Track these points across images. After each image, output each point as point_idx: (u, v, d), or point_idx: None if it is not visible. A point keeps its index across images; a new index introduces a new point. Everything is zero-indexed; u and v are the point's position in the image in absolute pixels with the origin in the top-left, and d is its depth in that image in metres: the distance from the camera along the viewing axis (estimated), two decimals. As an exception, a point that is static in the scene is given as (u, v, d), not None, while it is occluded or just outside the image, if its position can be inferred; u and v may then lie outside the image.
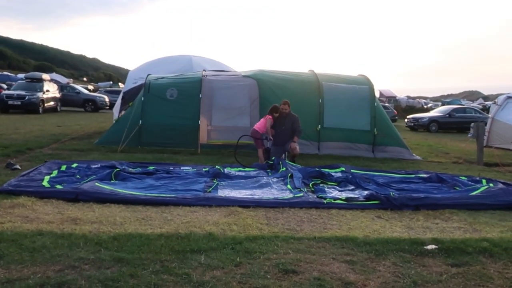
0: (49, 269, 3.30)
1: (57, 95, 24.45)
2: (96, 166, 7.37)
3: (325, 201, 5.72)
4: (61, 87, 27.07)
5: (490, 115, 16.36)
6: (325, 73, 12.04)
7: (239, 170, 7.79)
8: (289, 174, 7.03)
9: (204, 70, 11.62)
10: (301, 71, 12.26)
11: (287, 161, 8.24)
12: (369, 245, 4.12)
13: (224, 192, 6.13)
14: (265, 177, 7.17)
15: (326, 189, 6.50)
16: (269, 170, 7.76)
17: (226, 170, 7.59)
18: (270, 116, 8.98)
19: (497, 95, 21.98)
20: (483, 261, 3.83)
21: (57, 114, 22.89)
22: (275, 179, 7.02)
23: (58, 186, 5.90)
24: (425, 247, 4.11)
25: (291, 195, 6.04)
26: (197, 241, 4.01)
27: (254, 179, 7.07)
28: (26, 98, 21.07)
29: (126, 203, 5.33)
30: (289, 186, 6.56)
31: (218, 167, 7.60)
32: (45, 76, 25.28)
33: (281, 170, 7.51)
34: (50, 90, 23.38)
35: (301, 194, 6.01)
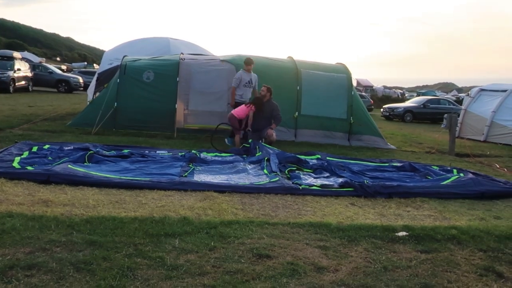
0: (19, 251, 3.24)
1: (29, 74, 23.74)
2: (69, 148, 7.22)
3: (300, 187, 5.77)
4: (33, 66, 26.26)
5: (463, 107, 16.74)
6: (304, 60, 12.05)
7: (215, 155, 7.76)
8: (266, 158, 7.05)
9: (182, 53, 11.46)
10: (280, 57, 12.23)
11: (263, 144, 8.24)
12: (342, 231, 4.19)
13: (200, 177, 6.11)
14: (241, 163, 7.18)
15: (301, 176, 6.55)
16: (245, 155, 7.75)
17: (202, 155, 7.56)
18: (254, 107, 8.93)
19: (470, 88, 22.48)
20: (451, 248, 3.95)
21: (29, 94, 22.28)
22: (251, 165, 7.03)
23: (29, 168, 5.76)
24: (396, 234, 4.20)
25: (267, 180, 6.06)
26: (171, 225, 3.99)
27: (231, 164, 7.07)
28: (-4, 76, 20.41)
29: (99, 186, 5.25)
30: (265, 171, 6.59)
31: (194, 151, 7.56)
32: (16, 54, 24.48)
33: (257, 154, 7.53)
34: (22, 69, 22.67)
35: (277, 179, 6.04)
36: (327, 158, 7.92)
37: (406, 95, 53.58)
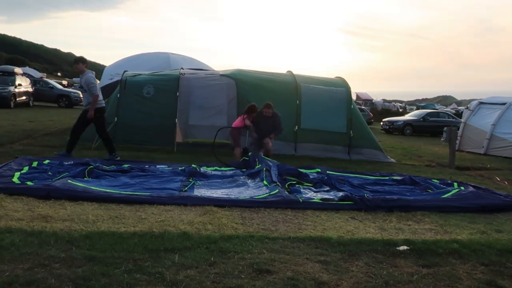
0: (17, 268, 3.22)
1: (30, 89, 23.84)
2: (69, 163, 7.22)
3: (301, 200, 5.74)
4: (34, 82, 26.42)
5: (462, 120, 16.78)
6: (303, 74, 12.12)
7: (215, 169, 7.76)
8: (264, 169, 7.05)
9: (182, 68, 11.53)
10: (279, 71, 12.31)
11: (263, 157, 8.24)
12: (342, 245, 4.16)
13: (200, 192, 6.10)
14: (241, 176, 7.17)
15: (301, 190, 6.53)
16: (244, 169, 7.74)
17: (202, 169, 7.55)
18: (246, 116, 8.96)
19: (470, 101, 22.59)
20: (453, 262, 3.92)
21: (30, 109, 22.34)
22: (251, 179, 7.02)
23: (29, 183, 5.75)
24: (397, 248, 4.18)
25: (267, 192, 6.04)
26: (171, 240, 3.97)
27: (231, 178, 7.06)
28: (-3, 92, 20.49)
29: (99, 201, 5.23)
30: (265, 182, 6.58)
31: (194, 166, 7.56)
32: (17, 69, 24.64)
33: (257, 166, 7.52)
34: (23, 84, 22.79)
35: (277, 191, 6.01)
36: (327, 172, 7.91)
37: (407, 108, 53.72)
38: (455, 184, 7.44)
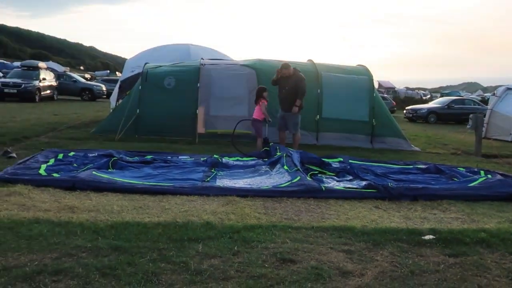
0: (46, 257, 3.29)
1: (54, 83, 24.30)
2: (93, 154, 7.33)
3: (323, 188, 5.69)
4: (58, 76, 26.90)
5: (489, 107, 16.36)
6: (324, 63, 11.99)
7: (237, 160, 7.77)
8: (285, 154, 7.02)
9: (202, 59, 11.54)
10: (300, 61, 12.19)
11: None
12: (366, 235, 4.12)
13: (223, 182, 6.11)
14: (263, 166, 7.16)
15: (324, 179, 6.48)
16: (266, 159, 7.72)
17: (224, 159, 7.57)
18: (263, 100, 8.91)
19: (496, 87, 21.96)
20: (481, 252, 3.83)
21: (54, 102, 22.77)
22: (272, 166, 6.98)
23: (55, 175, 5.87)
24: (422, 237, 4.11)
25: (288, 180, 5.99)
26: (194, 230, 4.00)
27: (253, 168, 7.06)
28: (22, 86, 20.92)
29: (123, 192, 5.30)
30: (285, 167, 6.54)
31: (216, 156, 7.58)
32: (42, 64, 25.10)
33: (277, 153, 7.50)
34: (47, 79, 23.23)
35: (298, 178, 5.95)
36: (350, 161, 7.82)
37: (428, 96, 52.71)
38: (482, 172, 7.27)
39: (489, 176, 6.82)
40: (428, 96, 53.31)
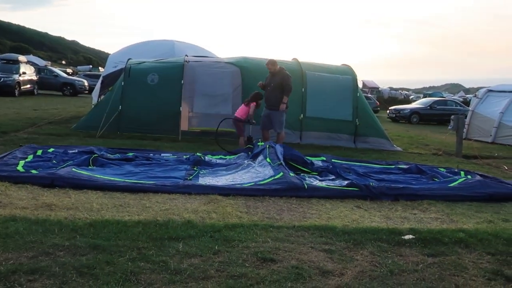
0: (22, 256, 3.22)
1: (34, 77, 23.88)
2: (73, 151, 7.23)
3: (306, 186, 5.69)
4: (39, 70, 26.45)
5: (470, 108, 16.61)
6: (309, 62, 12.01)
7: (220, 158, 7.73)
8: (268, 146, 7.01)
9: (187, 56, 11.46)
10: (284, 59, 12.20)
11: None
12: (347, 234, 4.14)
13: (205, 180, 6.07)
14: (245, 160, 7.11)
15: (307, 178, 6.49)
16: (249, 152, 7.68)
17: (207, 157, 7.53)
18: (254, 103, 8.92)
19: (478, 88, 22.34)
20: (459, 252, 3.88)
21: (34, 97, 22.39)
22: (255, 159, 6.95)
23: (34, 171, 5.76)
24: (402, 237, 4.15)
25: (271, 175, 5.96)
26: (175, 229, 3.96)
27: (235, 164, 7.02)
28: (1, 80, 20.48)
29: (104, 190, 5.23)
30: (268, 160, 6.53)
31: (199, 154, 7.53)
32: (22, 58, 24.64)
33: (260, 144, 7.48)
34: (27, 73, 22.81)
35: (281, 174, 5.92)
36: (332, 160, 7.86)
37: (412, 96, 53.33)
38: (462, 173, 7.37)
39: (469, 177, 6.92)
40: (411, 96, 53.94)
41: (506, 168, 9.22)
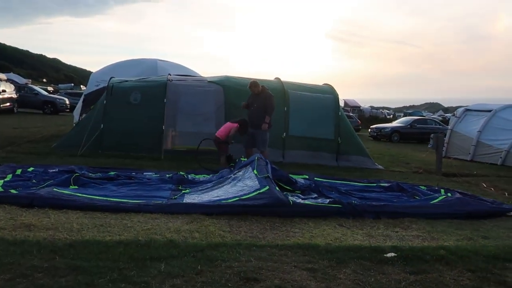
0: (-2, 278, 3.14)
1: (14, 96, 23.51)
2: (53, 170, 7.12)
3: (291, 202, 5.67)
4: (19, 88, 26.07)
5: (449, 127, 16.95)
6: (291, 81, 12.15)
7: (204, 177, 7.69)
8: (256, 158, 6.92)
9: (169, 74, 11.47)
10: (267, 78, 12.32)
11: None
12: (330, 253, 4.15)
13: (191, 198, 5.98)
14: (231, 174, 7.02)
15: (289, 197, 6.49)
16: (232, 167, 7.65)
17: (190, 176, 7.49)
18: (237, 125, 8.95)
19: (456, 107, 22.83)
20: (440, 269, 3.92)
21: (14, 115, 22.04)
22: (242, 171, 6.88)
23: (13, 191, 5.64)
24: (385, 255, 4.17)
25: (256, 188, 5.87)
26: (157, 249, 3.92)
27: (221, 179, 6.94)
28: (-20, 98, 20.18)
29: (85, 209, 5.14)
30: (255, 171, 6.43)
31: (182, 173, 7.49)
32: (1, 75, 24.34)
33: (242, 159, 7.44)
34: (7, 91, 22.46)
35: (267, 188, 5.81)
36: (315, 178, 7.90)
37: (392, 115, 54.17)
38: (442, 190, 7.48)
39: (449, 194, 7.02)
40: (392, 115, 54.81)
41: (485, 185, 9.38)
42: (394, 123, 27.54)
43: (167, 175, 7.38)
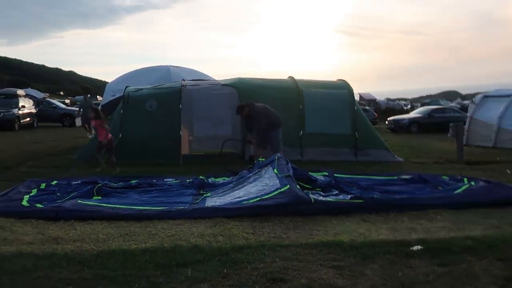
0: (30, 292, 3.20)
1: (33, 110, 23.99)
2: (76, 182, 7.23)
3: (312, 200, 5.64)
4: (37, 102, 26.58)
5: (468, 114, 16.66)
6: (305, 79, 12.11)
7: (223, 179, 7.71)
8: (277, 157, 6.84)
9: (183, 80, 11.55)
10: (281, 77, 12.32)
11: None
12: (355, 249, 4.11)
13: (213, 201, 6.00)
14: (251, 173, 6.98)
15: (310, 195, 6.46)
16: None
17: (210, 180, 7.52)
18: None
19: (474, 94, 22.38)
20: (469, 260, 3.86)
21: (34, 130, 22.45)
22: (262, 170, 6.82)
23: (38, 205, 5.76)
24: (411, 248, 4.12)
25: (277, 187, 5.84)
26: (182, 254, 3.94)
27: (241, 179, 6.93)
28: (1, 115, 20.61)
29: (110, 219, 5.19)
30: (275, 171, 6.38)
31: (202, 177, 7.53)
32: (20, 91, 24.85)
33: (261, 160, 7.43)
34: (26, 106, 22.95)
35: (288, 187, 5.79)
36: (335, 175, 7.85)
37: (409, 106, 53.52)
38: (465, 179, 7.36)
39: (473, 183, 6.91)
40: (409, 106, 54.15)
41: (509, 172, 9.20)
42: (412, 114, 27.17)
43: (187, 180, 7.43)
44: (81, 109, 19.17)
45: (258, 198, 5.77)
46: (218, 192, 6.57)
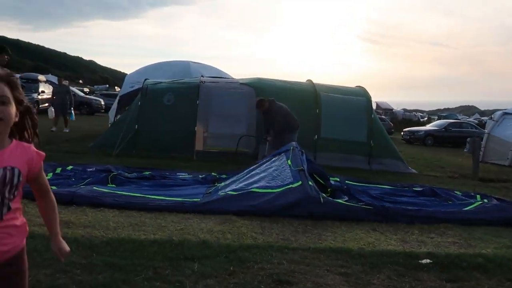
0: (40, 273, 3.25)
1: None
2: (91, 169, 7.32)
3: (322, 200, 5.58)
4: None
5: (486, 131, 16.43)
6: (323, 83, 12.08)
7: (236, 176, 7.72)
8: (292, 148, 6.65)
9: (202, 76, 11.61)
10: (299, 80, 12.30)
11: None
12: (363, 257, 4.09)
13: (225, 190, 6.00)
14: (263, 165, 6.83)
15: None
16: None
17: (223, 177, 7.54)
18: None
19: (493, 111, 22.12)
20: (478, 277, 3.81)
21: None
22: (275, 159, 6.70)
23: (53, 187, 5.83)
24: (419, 261, 4.09)
25: (289, 181, 5.77)
26: (190, 249, 3.97)
27: (250, 169, 6.91)
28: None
29: (124, 208, 5.26)
30: (289, 162, 6.24)
31: (215, 174, 7.56)
32: (41, 77, 25.19)
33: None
34: (45, 92, 23.29)
35: (299, 183, 5.68)
36: (346, 182, 7.80)
37: (426, 118, 52.97)
38: (478, 196, 7.26)
39: (486, 200, 6.81)
40: (426, 118, 53.62)
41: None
42: (428, 126, 26.93)
43: (200, 176, 7.46)
44: (55, 97, 15.85)
45: (269, 190, 5.71)
46: (230, 182, 6.50)
